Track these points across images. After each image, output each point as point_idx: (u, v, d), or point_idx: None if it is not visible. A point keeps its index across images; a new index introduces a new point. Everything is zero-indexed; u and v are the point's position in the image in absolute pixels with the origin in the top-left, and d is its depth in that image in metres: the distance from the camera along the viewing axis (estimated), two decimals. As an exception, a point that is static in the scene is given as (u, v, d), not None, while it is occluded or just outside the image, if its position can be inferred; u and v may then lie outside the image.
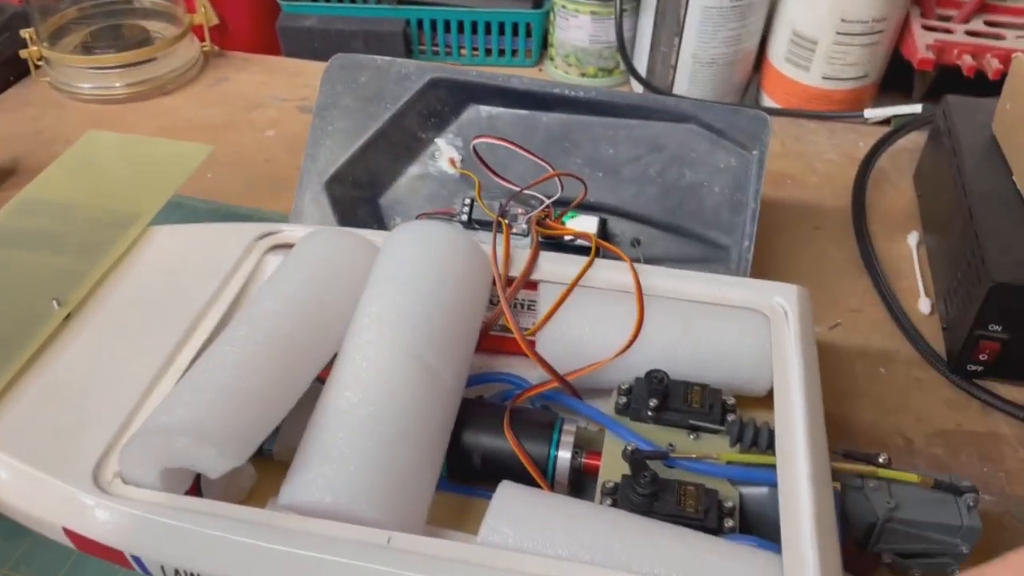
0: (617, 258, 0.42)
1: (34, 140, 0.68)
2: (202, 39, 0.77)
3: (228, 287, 0.41)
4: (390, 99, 0.52)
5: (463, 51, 0.83)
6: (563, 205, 0.48)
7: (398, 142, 0.53)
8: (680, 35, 0.70)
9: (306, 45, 0.80)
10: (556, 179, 0.47)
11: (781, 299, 0.40)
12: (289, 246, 0.44)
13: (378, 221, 0.53)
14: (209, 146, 0.49)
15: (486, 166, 0.49)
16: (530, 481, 0.36)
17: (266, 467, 0.38)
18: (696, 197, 0.50)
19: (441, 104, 0.53)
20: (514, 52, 0.83)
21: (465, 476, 0.39)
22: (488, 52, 0.83)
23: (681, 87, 0.73)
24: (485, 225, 0.50)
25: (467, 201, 0.51)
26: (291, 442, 0.36)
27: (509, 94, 0.52)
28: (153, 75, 0.73)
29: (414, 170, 0.53)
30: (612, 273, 0.42)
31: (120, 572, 0.36)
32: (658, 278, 0.42)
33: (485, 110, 0.53)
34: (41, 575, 0.38)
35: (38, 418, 0.35)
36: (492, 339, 0.43)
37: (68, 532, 0.32)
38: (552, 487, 0.37)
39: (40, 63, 0.73)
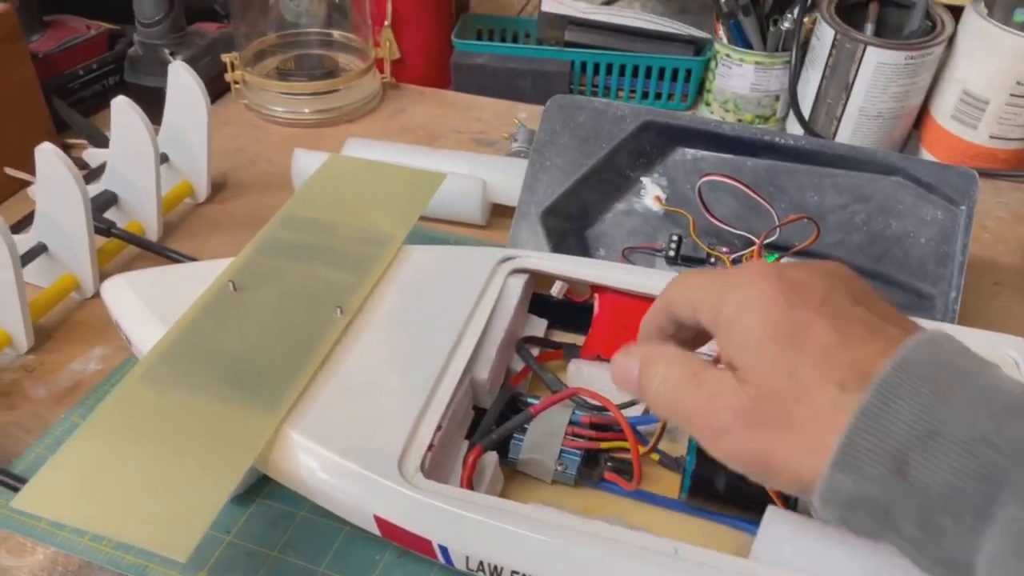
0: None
1: (237, 157, 0.73)
2: (382, 72, 0.83)
3: (482, 304, 0.45)
4: (605, 139, 0.55)
5: (620, 93, 0.87)
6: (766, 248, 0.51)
7: (608, 179, 0.56)
8: (849, 89, 0.73)
9: (476, 81, 0.84)
10: (774, 221, 0.50)
11: (1012, 351, 0.42)
12: (526, 271, 0.47)
13: (584, 251, 0.56)
14: (443, 174, 0.53)
15: (705, 207, 0.52)
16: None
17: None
18: (902, 247, 0.52)
19: (650, 146, 0.56)
20: (670, 95, 0.86)
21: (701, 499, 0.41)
22: (645, 95, 0.86)
23: (843, 138, 0.75)
24: (693, 262, 0.53)
25: (674, 238, 0.54)
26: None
27: (718, 139, 0.55)
28: (339, 104, 0.79)
29: (620, 206, 0.56)
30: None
31: (377, 562, 0.39)
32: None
33: (691, 152, 0.56)
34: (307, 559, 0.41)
35: (339, 414, 0.38)
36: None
37: (378, 520, 0.35)
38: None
39: (238, 85, 0.79)
